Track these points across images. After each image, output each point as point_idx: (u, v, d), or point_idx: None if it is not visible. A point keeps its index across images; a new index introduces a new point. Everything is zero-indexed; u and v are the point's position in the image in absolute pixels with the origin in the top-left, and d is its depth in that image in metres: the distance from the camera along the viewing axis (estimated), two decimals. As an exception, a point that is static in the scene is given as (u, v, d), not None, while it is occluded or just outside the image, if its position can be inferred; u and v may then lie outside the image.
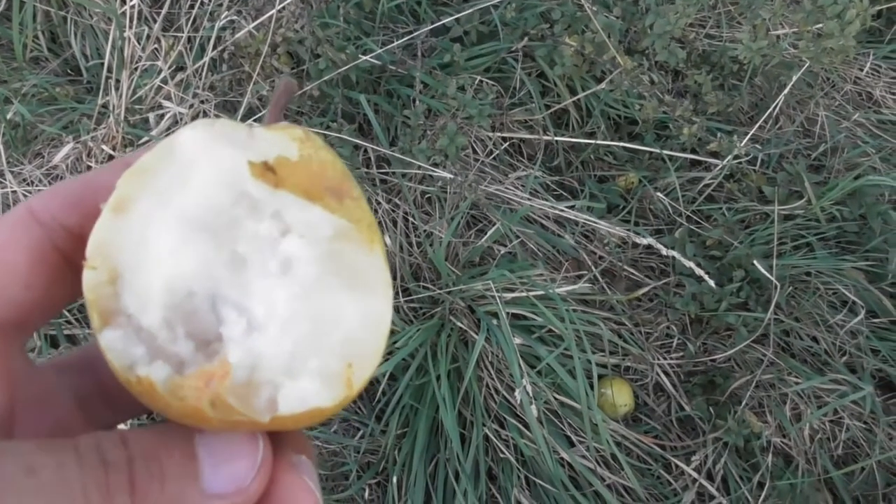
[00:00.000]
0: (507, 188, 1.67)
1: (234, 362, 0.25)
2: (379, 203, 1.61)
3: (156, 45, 1.61)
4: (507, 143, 1.78)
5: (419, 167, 1.57)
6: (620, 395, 1.51)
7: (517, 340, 1.43)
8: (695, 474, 1.48)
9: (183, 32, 1.62)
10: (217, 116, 1.55)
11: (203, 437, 0.26)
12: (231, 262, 0.26)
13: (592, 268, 1.65)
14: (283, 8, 1.57)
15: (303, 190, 0.27)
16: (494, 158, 1.74)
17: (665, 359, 1.61)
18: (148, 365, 0.25)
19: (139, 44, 1.57)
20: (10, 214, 0.28)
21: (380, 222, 1.61)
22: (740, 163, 1.77)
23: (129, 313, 0.25)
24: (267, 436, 0.27)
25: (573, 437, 1.47)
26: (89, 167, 1.56)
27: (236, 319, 0.25)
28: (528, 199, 1.65)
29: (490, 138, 1.74)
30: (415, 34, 1.71)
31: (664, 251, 1.51)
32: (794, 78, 1.71)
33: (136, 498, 0.23)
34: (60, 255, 0.28)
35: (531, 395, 1.38)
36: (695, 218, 1.75)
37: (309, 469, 0.28)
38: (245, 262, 0.26)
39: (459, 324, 1.49)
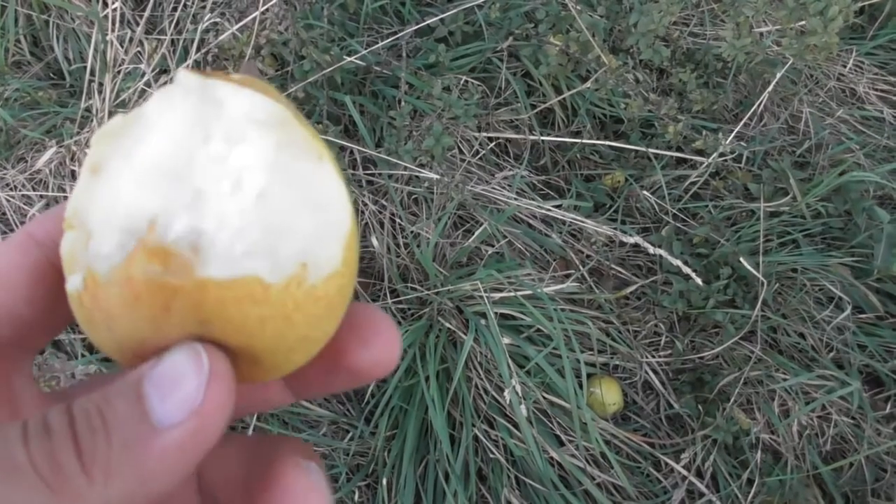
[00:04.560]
0: (493, 188, 1.67)
1: (163, 220, 0.25)
2: (365, 204, 1.61)
3: (139, 48, 1.60)
4: (493, 143, 1.78)
5: (405, 168, 1.56)
6: (609, 394, 1.51)
7: (506, 340, 1.43)
8: (684, 472, 1.48)
9: (166, 35, 1.61)
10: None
11: (150, 373, 0.25)
12: (193, 198, 0.26)
13: (580, 267, 1.65)
14: (267, 10, 1.56)
15: (237, 82, 0.27)
16: (481, 158, 1.74)
17: (653, 357, 1.62)
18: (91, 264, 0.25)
19: (122, 47, 1.56)
20: (9, 239, 0.29)
21: (367, 224, 1.60)
22: (726, 160, 1.78)
23: (90, 254, 0.26)
24: (216, 349, 0.26)
25: (563, 437, 1.47)
26: (73, 171, 1.54)
27: (204, 236, 0.25)
28: (515, 199, 1.65)
29: (476, 138, 1.74)
30: (399, 35, 1.70)
31: (651, 249, 1.51)
32: (778, 75, 1.72)
33: (83, 458, 0.22)
34: (59, 273, 0.28)
35: (520, 394, 1.37)
36: (681, 216, 1.75)
37: (318, 474, 0.28)
38: (203, 193, 0.26)
39: (448, 324, 1.48)
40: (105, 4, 1.54)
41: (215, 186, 0.26)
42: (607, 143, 1.78)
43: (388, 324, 0.30)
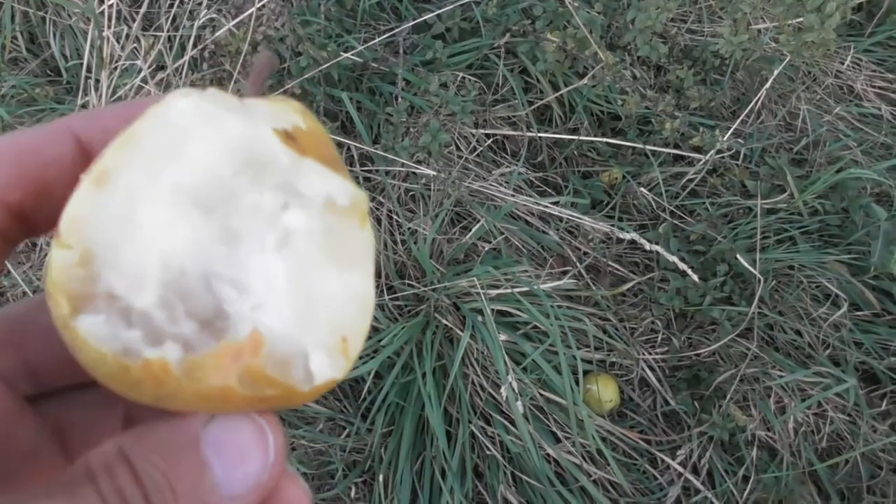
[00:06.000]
0: (490, 185, 1.67)
1: (266, 334, 0.24)
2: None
3: (135, 45, 1.60)
4: (491, 140, 1.78)
5: (402, 165, 1.56)
6: (606, 391, 1.51)
7: (502, 337, 1.43)
8: (680, 469, 1.48)
9: (163, 31, 1.61)
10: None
11: (208, 436, 0.25)
12: (224, 237, 0.25)
13: (577, 263, 1.65)
14: (263, 6, 1.56)
15: (322, 158, 0.26)
16: (478, 155, 1.74)
17: (650, 354, 1.62)
18: (156, 347, 0.23)
19: (118, 43, 1.56)
20: (46, 128, 0.28)
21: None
22: (723, 157, 1.78)
23: (112, 294, 0.23)
24: (277, 420, 0.26)
25: (559, 433, 1.47)
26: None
27: (240, 296, 0.24)
28: (512, 196, 1.65)
29: (473, 135, 1.74)
30: (396, 31, 1.70)
31: (648, 246, 1.51)
32: (776, 72, 1.72)
33: None
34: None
35: (517, 391, 1.37)
36: (678, 213, 1.75)
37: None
38: (239, 237, 0.25)
39: (444, 321, 1.48)
40: (101, 1, 1.53)
41: (257, 236, 0.25)
42: (605, 139, 1.78)
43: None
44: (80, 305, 0.23)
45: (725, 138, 1.69)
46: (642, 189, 1.75)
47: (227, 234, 0.25)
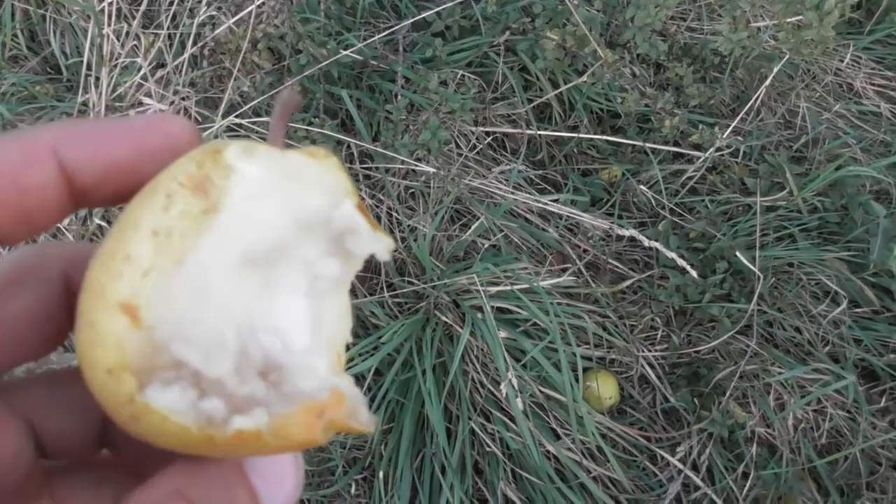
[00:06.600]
0: (490, 182, 1.67)
1: (346, 391, 0.25)
2: (363, 199, 1.60)
3: (135, 42, 1.60)
4: (490, 138, 1.78)
5: (402, 162, 1.56)
6: (605, 388, 1.52)
7: (502, 334, 1.43)
8: (680, 465, 1.48)
9: (163, 29, 1.62)
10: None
11: (253, 465, 0.26)
12: (262, 286, 0.25)
13: (577, 261, 1.65)
14: (263, 3, 1.56)
15: (370, 221, 0.27)
16: (478, 153, 1.74)
17: (650, 351, 1.62)
18: (243, 415, 0.24)
19: (118, 41, 1.56)
20: (25, 148, 0.25)
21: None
22: (722, 155, 1.78)
23: (180, 362, 0.23)
24: None
25: (559, 430, 1.47)
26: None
27: (287, 347, 0.25)
28: (512, 193, 1.65)
29: (473, 133, 1.74)
30: (396, 29, 1.70)
31: (647, 243, 1.51)
32: (775, 70, 1.72)
33: None
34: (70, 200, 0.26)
35: (517, 388, 1.38)
36: (678, 210, 1.76)
37: None
38: (274, 283, 0.26)
39: (444, 318, 1.49)
40: (101, -2, 1.54)
41: (291, 281, 0.26)
42: (604, 137, 1.79)
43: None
44: (146, 378, 0.23)
45: (725, 136, 1.69)
46: (642, 186, 1.75)
47: (265, 283, 0.25)
